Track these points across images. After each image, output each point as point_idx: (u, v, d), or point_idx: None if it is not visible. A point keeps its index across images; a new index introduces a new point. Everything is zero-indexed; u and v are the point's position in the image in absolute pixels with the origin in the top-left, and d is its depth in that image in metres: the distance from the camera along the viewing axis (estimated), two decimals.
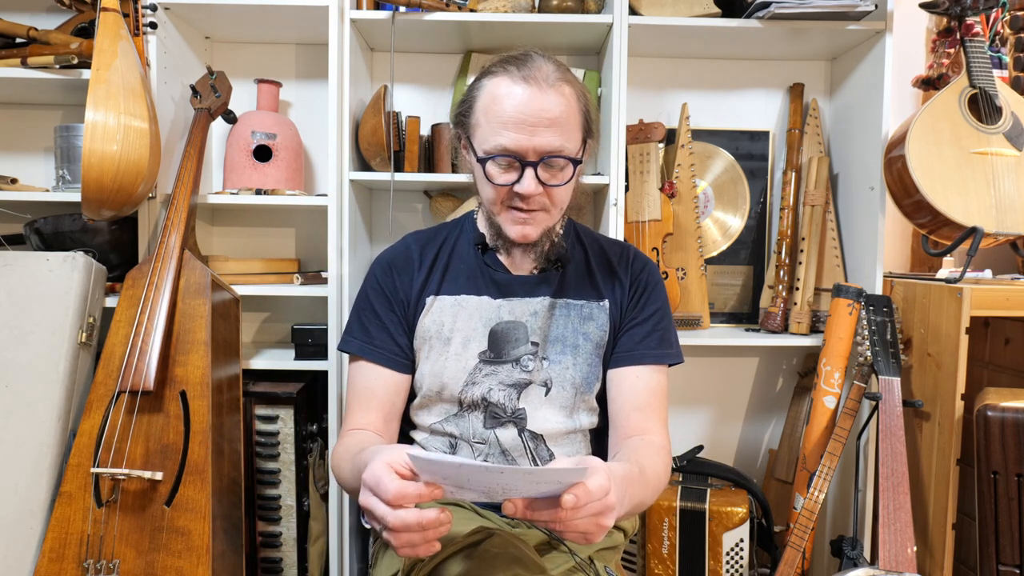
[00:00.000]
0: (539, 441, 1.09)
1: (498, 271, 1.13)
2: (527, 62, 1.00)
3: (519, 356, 1.09)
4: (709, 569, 1.59)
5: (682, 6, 1.64)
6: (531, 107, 0.97)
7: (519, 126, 0.97)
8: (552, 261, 1.12)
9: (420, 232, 1.21)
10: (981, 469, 1.35)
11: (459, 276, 1.13)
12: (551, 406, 1.09)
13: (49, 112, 1.88)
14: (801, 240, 1.78)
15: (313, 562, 1.65)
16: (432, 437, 1.12)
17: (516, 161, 0.99)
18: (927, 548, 1.49)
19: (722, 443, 1.97)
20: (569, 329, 1.11)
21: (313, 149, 1.90)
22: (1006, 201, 1.50)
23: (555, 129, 0.98)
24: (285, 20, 1.70)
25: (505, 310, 1.11)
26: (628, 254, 1.18)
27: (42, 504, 1.38)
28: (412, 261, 1.15)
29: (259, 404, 1.61)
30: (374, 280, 1.15)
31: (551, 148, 0.98)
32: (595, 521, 0.75)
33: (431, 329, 1.11)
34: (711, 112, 1.91)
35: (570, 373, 1.09)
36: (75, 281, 1.49)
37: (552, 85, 0.98)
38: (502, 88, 0.99)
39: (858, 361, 1.55)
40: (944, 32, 1.80)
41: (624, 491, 0.85)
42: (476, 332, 1.10)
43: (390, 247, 1.19)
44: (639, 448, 1.02)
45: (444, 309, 1.11)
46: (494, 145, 0.99)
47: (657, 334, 1.12)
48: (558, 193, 1.03)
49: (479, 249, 1.14)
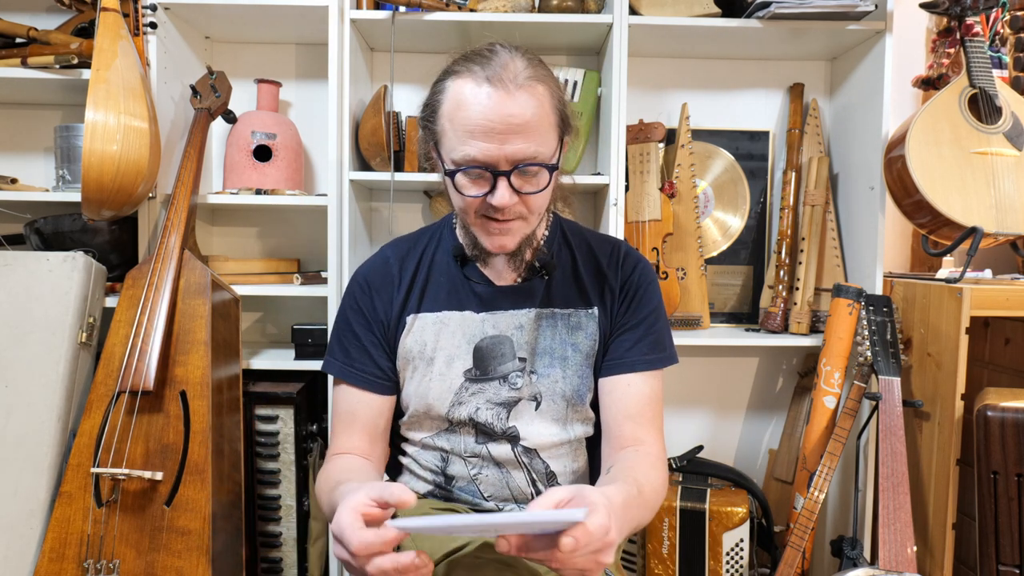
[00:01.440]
0: (533, 455, 1.05)
1: (479, 283, 1.07)
2: (492, 59, 0.91)
3: (506, 373, 1.04)
4: (709, 569, 1.59)
5: (682, 6, 1.64)
6: (499, 113, 0.88)
7: (487, 134, 0.89)
8: (536, 269, 1.06)
9: (399, 242, 1.14)
10: (981, 469, 1.35)
11: (439, 291, 1.07)
12: (543, 420, 1.05)
13: (49, 112, 1.88)
14: (801, 240, 1.78)
15: (313, 562, 1.65)
16: (423, 451, 1.09)
17: (487, 171, 0.91)
18: (927, 548, 1.49)
19: (722, 443, 1.97)
20: (557, 341, 1.05)
21: (313, 149, 1.90)
22: (1006, 201, 1.50)
23: (527, 135, 0.90)
24: (285, 20, 1.70)
25: (489, 324, 1.05)
26: (619, 253, 1.11)
27: (42, 504, 1.38)
28: (391, 278, 1.09)
29: (259, 404, 1.61)
30: (352, 299, 1.09)
31: (524, 156, 0.90)
32: (594, 558, 0.72)
33: (413, 349, 1.06)
34: (711, 112, 1.91)
35: (560, 386, 1.05)
36: (75, 281, 1.49)
37: (521, 86, 0.89)
38: (466, 91, 0.90)
39: (858, 361, 1.55)
40: (944, 32, 1.80)
41: (624, 519, 0.81)
42: (460, 350, 1.05)
43: (368, 261, 1.13)
44: (635, 463, 0.98)
45: (426, 327, 1.06)
46: (462, 155, 0.91)
47: (650, 338, 1.06)
48: (535, 200, 0.96)
49: (458, 261, 1.08)
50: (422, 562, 0.72)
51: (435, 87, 0.97)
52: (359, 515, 0.74)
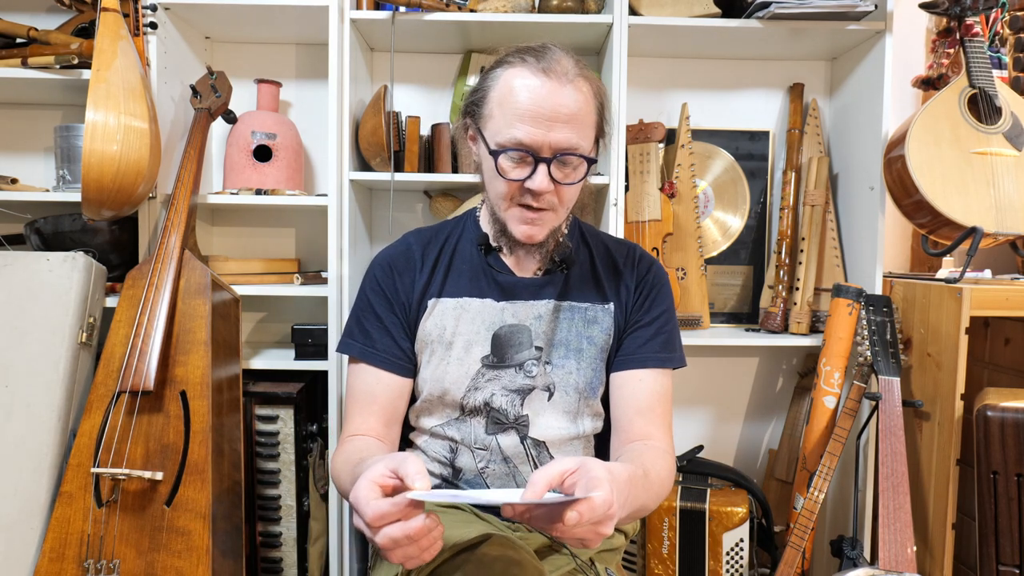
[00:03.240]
0: (541, 448, 1.07)
1: (502, 273, 1.10)
2: (546, 54, 0.96)
3: (523, 361, 1.07)
4: (709, 569, 1.59)
5: (682, 6, 1.64)
6: (549, 101, 0.93)
7: (535, 120, 0.94)
8: (557, 263, 1.10)
9: (421, 230, 1.18)
10: (981, 469, 1.35)
11: (461, 277, 1.10)
12: (554, 411, 1.07)
13: (49, 112, 1.88)
14: (801, 240, 1.78)
15: (313, 562, 1.65)
16: (432, 440, 1.11)
17: (529, 156, 0.95)
18: (927, 548, 1.49)
19: (722, 443, 1.97)
20: (573, 333, 1.08)
21: (313, 149, 1.90)
22: (1006, 201, 1.50)
23: (571, 126, 0.95)
24: (285, 20, 1.70)
25: (509, 313, 1.08)
26: (635, 254, 1.15)
27: (42, 504, 1.38)
28: (413, 262, 1.11)
29: (259, 404, 1.61)
30: (374, 281, 1.11)
31: (567, 145, 0.95)
32: (594, 529, 0.73)
33: (432, 333, 1.08)
34: (711, 112, 1.91)
35: (574, 378, 1.07)
36: (75, 281, 1.49)
37: (571, 80, 0.95)
38: (520, 79, 0.95)
39: (858, 361, 1.55)
40: (944, 32, 1.80)
41: (627, 495, 0.83)
42: (479, 336, 1.07)
43: (390, 246, 1.16)
44: (643, 452, 1.00)
45: (446, 312, 1.08)
46: (508, 138, 0.95)
47: (662, 337, 1.10)
48: (568, 192, 1.00)
49: (482, 249, 1.11)
50: (432, 523, 0.73)
51: (487, 74, 1.01)
52: (376, 485, 0.75)
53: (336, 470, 1.02)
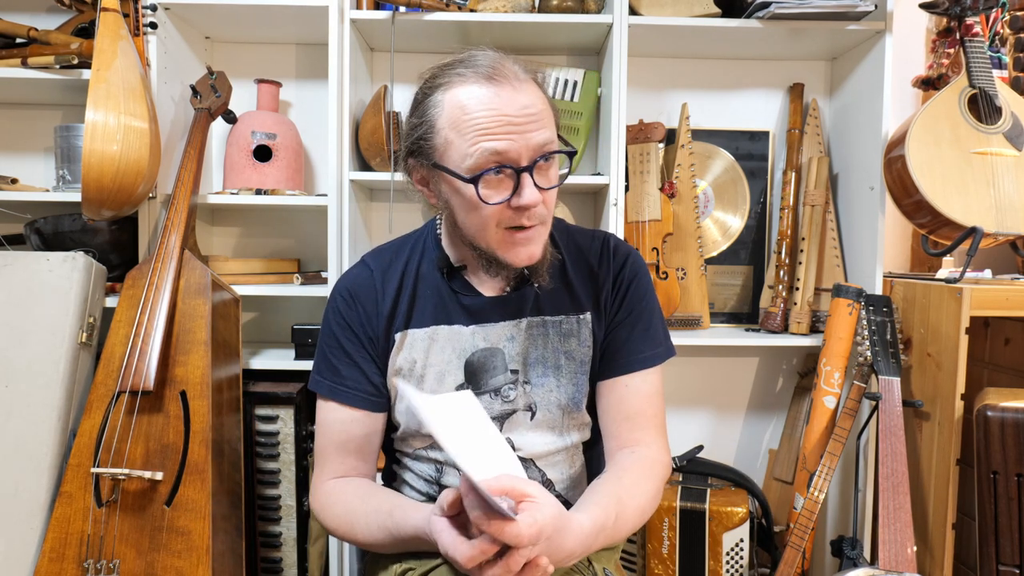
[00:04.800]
0: (529, 464, 1.02)
1: (467, 295, 1.02)
2: (479, 61, 0.90)
3: (498, 386, 1.01)
4: (709, 569, 1.59)
5: (682, 6, 1.64)
6: (511, 106, 0.86)
7: (506, 127, 0.86)
8: (525, 278, 1.02)
9: (381, 250, 1.10)
10: (981, 469, 1.35)
11: (427, 305, 1.03)
12: (538, 429, 1.02)
13: (49, 112, 1.88)
14: (801, 240, 1.78)
15: (313, 562, 1.65)
16: (417, 462, 1.07)
17: (509, 170, 0.88)
18: (927, 548, 1.49)
19: (722, 443, 1.97)
20: (549, 349, 1.02)
21: (313, 149, 1.90)
22: (1006, 201, 1.50)
23: (541, 123, 0.89)
24: (285, 20, 1.70)
25: (479, 337, 1.02)
26: (607, 249, 1.07)
27: (42, 504, 1.38)
28: (374, 291, 1.04)
29: (259, 404, 1.61)
30: (338, 314, 1.04)
31: (545, 142, 0.89)
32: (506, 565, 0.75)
33: (403, 367, 1.02)
34: (711, 112, 1.91)
35: (555, 395, 1.02)
36: (75, 281, 1.49)
37: (522, 79, 0.89)
38: (467, 95, 0.87)
39: (858, 361, 1.55)
40: (944, 32, 1.80)
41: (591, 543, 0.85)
42: (450, 365, 1.02)
43: (348, 272, 1.08)
44: (625, 472, 0.97)
45: (415, 344, 1.02)
46: (481, 156, 0.86)
47: (644, 333, 1.04)
48: (552, 197, 0.94)
49: (444, 273, 1.03)
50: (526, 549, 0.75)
51: (421, 106, 0.93)
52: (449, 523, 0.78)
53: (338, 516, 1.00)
